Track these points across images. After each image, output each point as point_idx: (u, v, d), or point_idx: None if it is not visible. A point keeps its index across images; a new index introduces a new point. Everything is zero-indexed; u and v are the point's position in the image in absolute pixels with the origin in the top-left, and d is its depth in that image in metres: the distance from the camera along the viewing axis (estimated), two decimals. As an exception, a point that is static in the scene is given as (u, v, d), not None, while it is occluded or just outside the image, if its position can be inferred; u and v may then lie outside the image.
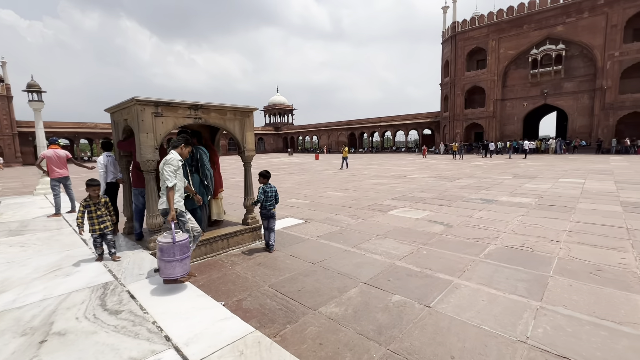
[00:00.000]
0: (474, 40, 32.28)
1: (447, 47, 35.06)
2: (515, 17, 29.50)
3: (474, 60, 33.55)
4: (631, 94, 24.86)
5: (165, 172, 2.95)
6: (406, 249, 4.20)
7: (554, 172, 13.05)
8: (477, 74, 32.50)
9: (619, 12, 24.64)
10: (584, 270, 3.38)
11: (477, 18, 32.22)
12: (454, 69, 33.80)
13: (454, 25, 33.45)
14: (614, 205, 6.47)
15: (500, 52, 30.73)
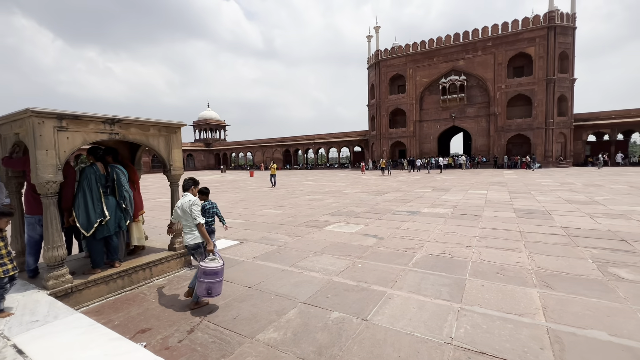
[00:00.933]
0: (395, 68, 35.92)
1: (372, 72, 38.26)
2: (427, 50, 33.83)
3: (396, 85, 37.21)
4: (515, 119, 30.29)
5: (194, 211, 3.28)
6: (343, 264, 4.29)
7: (463, 185, 14.97)
8: (398, 98, 36.03)
9: (503, 53, 30.16)
10: (492, 271, 3.88)
11: (396, 48, 36.02)
12: (379, 92, 36.93)
13: (377, 53, 36.80)
14: (510, 212, 7.67)
15: (416, 79, 34.71)
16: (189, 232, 3.32)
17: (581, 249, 4.63)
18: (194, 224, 3.29)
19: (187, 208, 3.29)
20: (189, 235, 3.31)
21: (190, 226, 3.32)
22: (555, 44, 27.98)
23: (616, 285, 3.37)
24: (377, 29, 37.13)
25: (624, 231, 5.57)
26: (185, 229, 3.35)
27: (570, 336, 2.47)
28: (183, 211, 3.32)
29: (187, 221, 3.32)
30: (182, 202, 3.36)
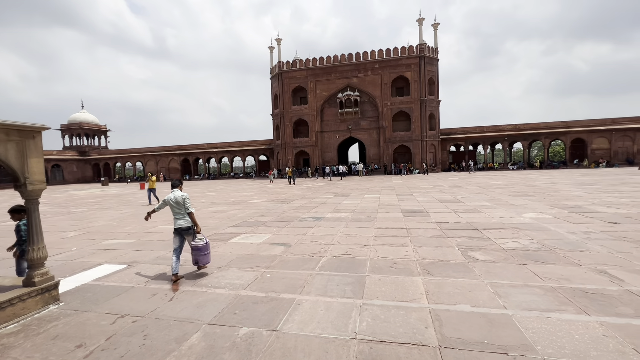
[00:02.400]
0: (297, 80, 37.34)
1: (275, 82, 38.83)
2: (325, 66, 36.37)
3: (298, 96, 38.66)
4: (399, 132, 35.24)
5: (187, 203, 4.26)
6: (251, 276, 4.16)
7: (360, 190, 16.50)
8: (301, 109, 37.49)
9: (387, 75, 34.86)
10: (386, 266, 4.37)
11: (297, 62, 37.55)
12: (282, 103, 37.68)
13: (279, 65, 37.60)
14: (398, 213, 8.81)
15: (317, 92, 36.83)
16: (182, 218, 4.26)
17: (450, 239, 5.65)
18: (186, 212, 4.27)
19: (181, 200, 4.26)
20: (183, 220, 4.25)
21: (182, 213, 4.26)
22: (425, 71, 33.88)
23: (474, 265, 4.23)
24: (279, 41, 38.01)
25: (476, 222, 7.07)
26: (178, 216, 4.26)
27: (445, 312, 2.98)
28: (177, 202, 4.26)
29: (179, 210, 4.26)
30: (175, 195, 4.30)
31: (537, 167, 35.71)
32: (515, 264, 4.25)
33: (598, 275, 3.74)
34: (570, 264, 4.14)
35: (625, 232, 5.68)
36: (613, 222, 6.47)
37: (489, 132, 36.78)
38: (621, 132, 33.30)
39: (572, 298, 3.17)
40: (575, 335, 2.51)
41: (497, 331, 2.63)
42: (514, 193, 12.54)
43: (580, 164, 34.00)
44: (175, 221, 4.26)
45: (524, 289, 3.44)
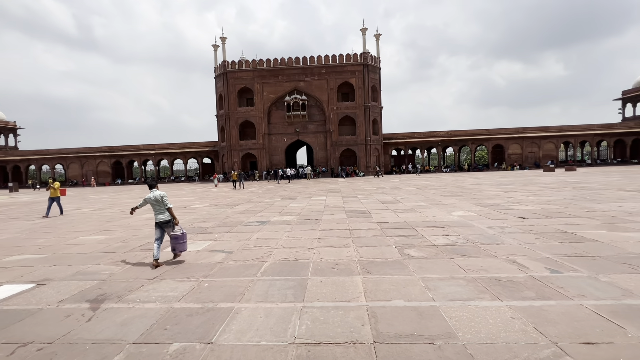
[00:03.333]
0: (243, 81, 36.38)
1: (220, 82, 37.35)
2: (272, 69, 36.06)
3: (244, 97, 37.68)
4: (345, 136, 36.39)
5: (165, 199, 4.98)
6: (186, 287, 3.90)
7: (308, 193, 16.63)
8: (247, 110, 36.59)
9: (333, 80, 35.83)
10: (328, 267, 4.44)
11: (243, 62, 36.62)
12: (227, 103, 36.36)
13: (224, 64, 36.28)
14: (342, 214, 9.06)
15: (264, 94, 36.30)
16: (162, 213, 4.96)
17: (388, 238, 5.97)
18: (165, 208, 4.96)
19: (160, 198, 4.94)
20: (163, 214, 4.96)
21: (162, 209, 4.97)
22: (368, 79, 35.56)
23: (408, 262, 4.52)
24: (224, 39, 36.69)
25: (413, 221, 7.58)
26: (158, 212, 4.96)
27: (381, 309, 3.12)
28: (157, 200, 4.94)
29: (159, 206, 4.96)
30: (154, 194, 4.96)
31: (466, 169, 39.70)
32: (444, 258, 4.64)
33: (509, 264, 4.26)
34: (488, 256, 4.66)
35: (531, 225, 6.58)
36: (522, 218, 7.46)
37: (426, 138, 39.90)
38: (530, 140, 38.73)
39: (488, 287, 3.55)
40: (490, 320, 2.82)
41: (426, 322, 2.82)
42: (446, 193, 13.75)
43: (500, 167, 38.65)
44: (156, 216, 4.98)
45: (450, 281, 3.77)
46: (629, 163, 37.66)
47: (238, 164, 36.57)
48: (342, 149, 36.41)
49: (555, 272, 3.92)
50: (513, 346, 2.41)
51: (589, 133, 38.41)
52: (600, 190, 12.50)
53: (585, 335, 2.52)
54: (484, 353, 2.35)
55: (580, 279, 3.65)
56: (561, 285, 3.49)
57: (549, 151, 38.94)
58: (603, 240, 5.22)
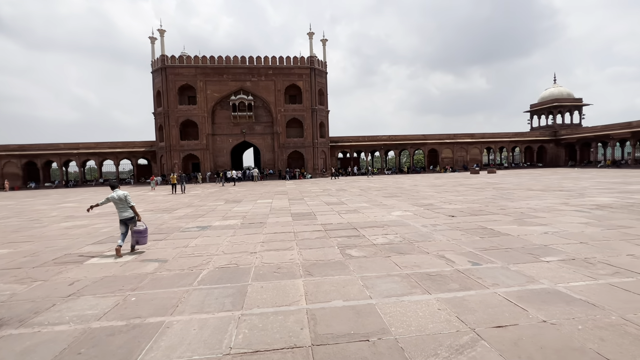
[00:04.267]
0: (184, 77, 34.24)
1: (158, 77, 34.66)
2: (217, 66, 34.56)
3: (186, 95, 35.49)
4: (293, 138, 36.40)
5: (128, 198, 5.57)
6: (109, 303, 3.50)
7: (254, 196, 16.24)
8: (189, 109, 34.51)
9: (281, 82, 35.63)
10: (271, 272, 4.37)
11: (185, 58, 34.49)
12: (167, 101, 33.88)
13: (163, 59, 33.76)
14: (288, 217, 9.01)
15: (207, 93, 34.60)
16: (125, 211, 5.51)
17: (332, 239, 6.09)
18: (128, 206, 5.52)
19: (123, 197, 5.49)
20: (126, 212, 5.51)
21: (125, 207, 5.52)
22: (315, 82, 36.10)
23: (349, 262, 4.66)
24: (162, 32, 34.18)
25: (355, 222, 7.85)
26: (122, 210, 5.51)
27: (321, 310, 3.15)
28: (120, 199, 5.47)
29: (123, 205, 5.51)
30: (118, 194, 5.48)
31: (406, 171, 42.49)
32: (382, 257, 4.88)
33: (439, 259, 4.64)
34: (421, 253, 5.01)
35: (458, 223, 7.27)
36: (451, 216, 8.21)
37: (370, 142, 41.81)
38: (459, 145, 42.95)
39: (420, 281, 3.82)
40: (420, 313, 3.03)
41: (363, 320, 2.93)
42: (387, 195, 14.54)
43: (435, 169, 42.14)
44: (120, 214, 5.55)
45: (387, 278, 3.97)
46: (535, 166, 43.95)
47: (179, 165, 34.25)
48: (290, 151, 36.35)
49: (476, 264, 4.37)
50: (438, 336, 2.62)
51: (506, 140, 43.96)
52: (513, 190, 14.35)
53: (497, 320, 2.84)
54: (413, 345, 2.50)
55: (496, 270, 4.12)
56: (480, 276, 3.90)
57: (474, 155, 43.61)
58: (514, 234, 5.98)
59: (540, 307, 3.05)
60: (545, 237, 5.72)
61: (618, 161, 38.39)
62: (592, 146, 40.44)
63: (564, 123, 45.54)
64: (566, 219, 7.24)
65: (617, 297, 3.19)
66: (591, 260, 4.34)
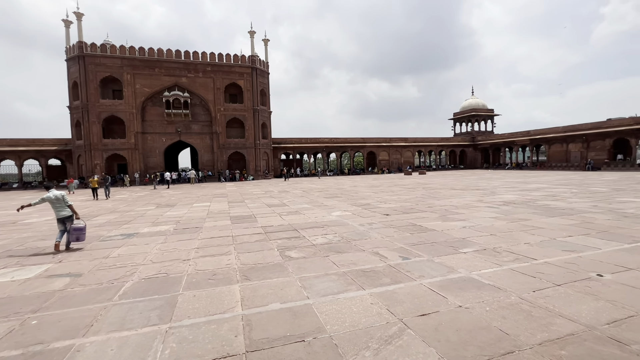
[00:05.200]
0: (108, 68, 30.67)
1: (74, 67, 30.43)
2: (148, 59, 31.66)
3: (110, 88, 31.83)
4: (233, 139, 35.12)
5: (66, 197, 5.90)
6: (1, 330, 2.95)
7: (190, 199, 15.24)
8: (114, 104, 31.02)
9: (220, 80, 34.13)
10: (205, 279, 4.13)
11: (109, 46, 30.92)
12: (85, 93, 29.94)
13: (81, 45, 29.76)
14: (227, 220, 8.65)
15: (136, 87, 31.48)
16: (63, 209, 5.86)
17: (272, 242, 6.01)
18: (66, 205, 5.90)
19: (60, 197, 5.84)
20: (64, 211, 5.86)
21: (63, 207, 5.87)
22: (257, 82, 35.41)
23: (288, 264, 4.64)
24: (79, 15, 30.16)
25: (296, 223, 7.88)
26: (60, 209, 5.84)
27: (257, 315, 3.08)
28: (57, 199, 5.81)
29: (60, 204, 5.85)
30: (54, 194, 5.83)
31: (346, 173, 44.06)
32: (321, 257, 4.97)
33: (373, 256, 4.89)
34: (358, 251, 5.23)
35: (392, 221, 7.77)
36: (386, 214, 8.74)
37: (312, 143, 42.41)
38: (395, 148, 46.07)
39: (355, 278, 3.98)
40: (354, 309, 3.15)
41: (299, 321, 2.93)
42: (328, 195, 14.89)
43: (373, 171, 44.47)
44: (58, 213, 5.81)
45: (325, 277, 4.05)
46: (458, 168, 49.27)
47: (101, 166, 30.52)
48: (231, 152, 35.01)
49: (406, 258, 4.71)
50: (370, 329, 2.75)
51: (434, 144, 48.48)
52: (439, 190, 15.87)
53: (422, 308, 3.10)
54: (347, 340, 2.59)
55: (422, 263, 4.50)
56: (409, 270, 4.21)
57: (408, 158, 47.19)
58: (439, 230, 6.61)
59: (457, 294, 3.41)
60: (464, 231, 6.43)
61: (521, 164, 45.02)
62: (502, 151, 46.80)
63: (480, 130, 51.89)
64: (480, 214, 8.24)
65: (516, 280, 3.72)
66: (498, 250, 5.00)
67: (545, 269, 4.05)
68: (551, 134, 38.44)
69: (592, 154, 34.12)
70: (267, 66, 37.41)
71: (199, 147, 34.57)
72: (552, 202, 10.25)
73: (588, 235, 5.76)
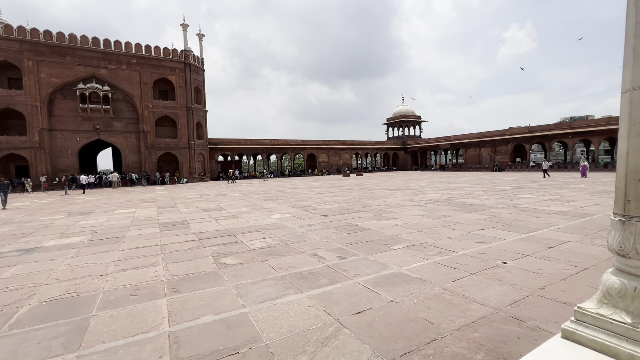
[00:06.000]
0: (2, 52, 25.71)
1: (-50, 46, 24.83)
2: (57, 45, 27.37)
3: (4, 76, 26.73)
4: (164, 139, 32.36)
5: None
6: None
7: (111, 205, 13.57)
8: (11, 95, 26.10)
9: (148, 74, 31.17)
10: (126, 295, 3.68)
11: (2, 26, 25.94)
12: (-32, 80, 24.64)
13: (-40, 20, 24.44)
14: (155, 228, 7.89)
15: (41, 76, 26.97)
16: None
17: (206, 249, 5.65)
18: None
19: None
20: None
21: None
22: (191, 79, 33.26)
23: (224, 271, 4.41)
24: (-42, -16, 24.67)
25: (234, 228, 7.55)
26: None
27: (186, 331, 2.84)
28: None
29: None
30: None
31: (287, 175, 43.97)
32: (259, 261, 4.83)
33: (312, 258, 4.92)
34: (296, 253, 5.21)
35: (331, 222, 7.95)
36: (325, 215, 8.91)
37: (252, 145, 41.38)
38: (334, 150, 47.48)
39: (293, 281, 3.95)
40: (291, 313, 3.11)
41: (234, 333, 2.79)
42: (268, 198, 14.65)
43: (313, 173, 45.18)
44: None
45: (262, 283, 3.93)
46: (391, 170, 52.88)
47: (-9, 169, 25.40)
48: (161, 153, 32.20)
49: (343, 258, 4.84)
50: (307, 332, 2.74)
51: (370, 147, 51.26)
52: (375, 190, 16.80)
53: (357, 306, 3.20)
54: (283, 347, 2.54)
55: (358, 261, 4.67)
56: (346, 269, 4.33)
57: (346, 160, 49.05)
58: (373, 228, 6.96)
59: (389, 289, 3.60)
60: (396, 228, 6.87)
61: (444, 165, 50.18)
62: (428, 154, 51.58)
63: (409, 135, 56.46)
64: (410, 212, 8.92)
65: (439, 272, 4.09)
66: (424, 245, 5.45)
67: (463, 260, 4.54)
68: (467, 139, 43.65)
69: (498, 157, 39.67)
70: (202, 62, 35.42)
71: (122, 147, 31.08)
72: (468, 199, 11.60)
73: (495, 228, 6.63)
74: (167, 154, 32.52)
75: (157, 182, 30.88)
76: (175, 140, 32.64)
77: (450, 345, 2.48)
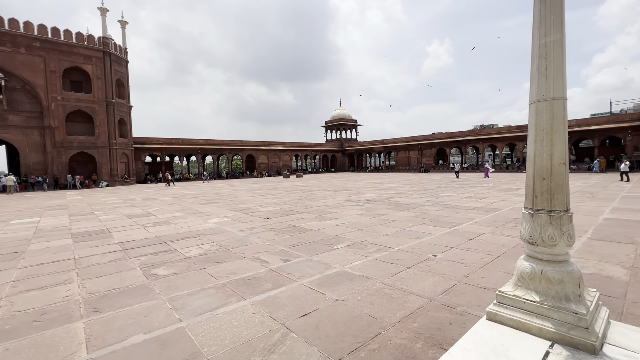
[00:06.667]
0: None
1: None
2: None
3: None
4: (77, 136, 28.24)
5: None
6: None
7: (5, 215, 11.31)
8: None
9: (56, 61, 26.88)
10: (27, 322, 3.08)
11: None
12: None
13: None
14: (66, 239, 6.80)
15: None
16: None
17: (132, 260, 5.05)
18: None
19: None
20: None
21: None
22: (112, 70, 29.67)
23: (155, 284, 3.98)
24: None
25: (166, 235, 6.91)
26: None
27: (111, 356, 2.48)
28: None
29: None
30: None
31: (224, 177, 42.09)
32: (196, 270, 4.48)
33: (254, 262, 4.75)
34: (237, 258, 4.98)
35: (272, 224, 7.81)
36: (266, 218, 8.72)
37: (185, 145, 38.60)
38: (273, 152, 46.99)
39: (235, 289, 3.75)
40: (235, 323, 2.94)
41: (169, 351, 2.52)
42: (204, 201, 13.79)
43: (252, 174, 44.07)
44: None
45: (201, 293, 3.65)
46: (330, 171, 54.42)
47: None
48: (74, 153, 28.02)
49: (287, 260, 4.77)
50: (252, 341, 2.62)
51: (309, 149, 52.00)
52: (315, 191, 17.06)
53: (303, 309, 3.17)
54: (226, 360, 2.37)
55: (302, 263, 4.65)
56: (290, 272, 4.28)
57: (286, 161, 48.95)
58: (316, 229, 7.03)
59: (334, 288, 3.66)
60: (337, 228, 7.05)
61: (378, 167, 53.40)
62: (364, 156, 54.37)
63: (347, 138, 58.79)
64: (349, 212, 9.25)
65: (379, 268, 4.30)
66: (364, 243, 5.69)
67: (399, 255, 4.85)
68: (398, 143, 47.20)
69: (424, 159, 43.74)
70: (126, 53, 31.89)
71: (21, 146, 26.26)
72: (400, 198, 12.50)
73: (425, 224, 7.25)
74: (81, 153, 28.44)
75: (68, 186, 26.76)
76: (92, 138, 28.74)
77: (393, 338, 2.61)
